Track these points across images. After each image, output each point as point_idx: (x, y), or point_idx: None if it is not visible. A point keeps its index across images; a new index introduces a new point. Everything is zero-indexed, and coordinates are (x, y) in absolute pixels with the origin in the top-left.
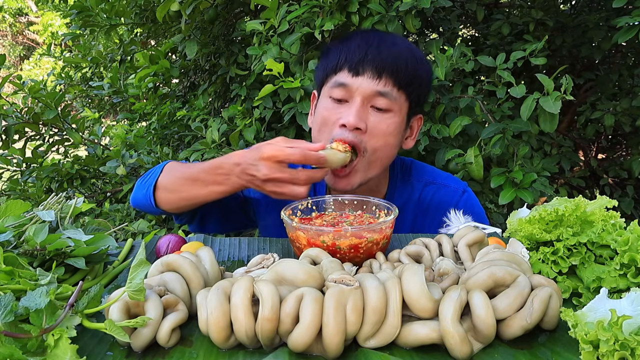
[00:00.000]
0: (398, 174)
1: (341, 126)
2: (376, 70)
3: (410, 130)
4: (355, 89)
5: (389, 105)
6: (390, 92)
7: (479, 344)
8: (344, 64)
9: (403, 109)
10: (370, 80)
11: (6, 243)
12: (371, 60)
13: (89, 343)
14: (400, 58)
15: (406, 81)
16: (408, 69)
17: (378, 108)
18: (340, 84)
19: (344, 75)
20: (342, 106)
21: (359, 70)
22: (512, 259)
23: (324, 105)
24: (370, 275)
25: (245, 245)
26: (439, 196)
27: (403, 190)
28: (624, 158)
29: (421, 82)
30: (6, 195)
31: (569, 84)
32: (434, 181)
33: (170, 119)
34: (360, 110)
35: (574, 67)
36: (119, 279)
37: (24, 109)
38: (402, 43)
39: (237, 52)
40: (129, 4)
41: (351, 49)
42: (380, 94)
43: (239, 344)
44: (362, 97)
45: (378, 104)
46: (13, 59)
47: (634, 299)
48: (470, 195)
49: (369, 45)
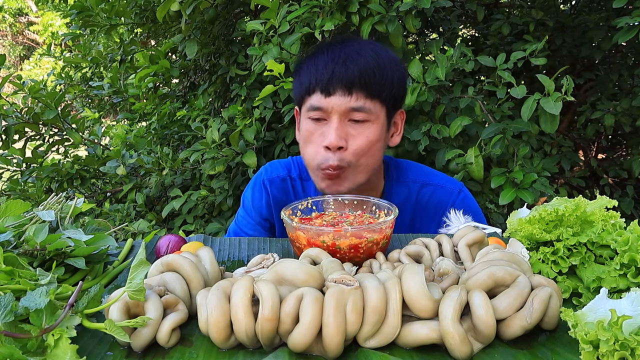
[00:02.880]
0: (393, 174)
1: (325, 149)
2: (346, 88)
3: (395, 127)
4: (330, 108)
5: (366, 117)
6: (363, 105)
7: (479, 344)
8: (315, 85)
9: (381, 114)
10: (342, 98)
11: (6, 243)
12: (339, 78)
13: (89, 343)
14: (367, 69)
15: (377, 90)
16: (377, 78)
17: (356, 120)
18: (316, 108)
19: (317, 97)
20: (322, 125)
21: (329, 90)
22: (512, 259)
23: (305, 126)
24: (370, 275)
25: (245, 245)
26: (436, 197)
27: (399, 190)
28: (624, 158)
29: (392, 85)
30: (6, 195)
31: (569, 84)
32: (430, 182)
33: (170, 119)
34: (338, 128)
35: (574, 67)
36: (119, 279)
37: (24, 109)
38: (367, 50)
39: (237, 52)
40: (129, 4)
41: (319, 68)
42: (354, 110)
43: (239, 344)
44: (338, 115)
45: (355, 118)
46: (13, 59)
47: (634, 299)
48: (467, 194)
49: (335, 63)
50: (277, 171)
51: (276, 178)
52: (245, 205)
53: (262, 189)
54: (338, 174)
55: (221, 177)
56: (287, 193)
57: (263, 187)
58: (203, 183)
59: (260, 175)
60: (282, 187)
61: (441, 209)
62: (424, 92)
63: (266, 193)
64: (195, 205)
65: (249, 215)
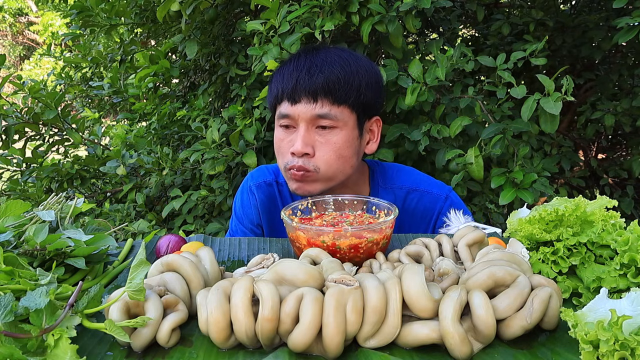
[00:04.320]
0: (379, 180)
1: (292, 154)
2: (310, 95)
3: (371, 134)
4: (297, 116)
5: (332, 123)
6: (329, 112)
7: (479, 344)
8: (282, 94)
9: (350, 121)
10: (307, 106)
11: (6, 243)
12: (303, 86)
13: (89, 343)
14: (331, 76)
15: (343, 97)
16: (341, 85)
17: (323, 127)
18: (284, 115)
19: (285, 105)
20: (291, 132)
21: (295, 98)
22: (512, 259)
23: (277, 134)
24: (370, 275)
25: (245, 245)
26: (422, 204)
27: (385, 197)
28: (624, 158)
29: (359, 90)
30: (6, 195)
31: (569, 84)
32: (417, 188)
33: (170, 119)
34: (305, 135)
35: (574, 67)
36: (119, 279)
37: (24, 109)
38: (334, 57)
39: (237, 52)
40: (129, 4)
41: (285, 78)
42: (320, 116)
43: (239, 344)
44: (305, 122)
45: (321, 124)
46: (13, 59)
47: (634, 299)
48: (454, 200)
49: (300, 71)
50: (263, 176)
51: (262, 183)
52: (236, 212)
53: (250, 195)
54: (304, 175)
55: (221, 177)
56: (274, 198)
57: (251, 192)
58: (203, 183)
59: (247, 181)
60: (268, 192)
61: (428, 216)
62: (424, 92)
63: (254, 198)
64: (195, 205)
65: (240, 223)
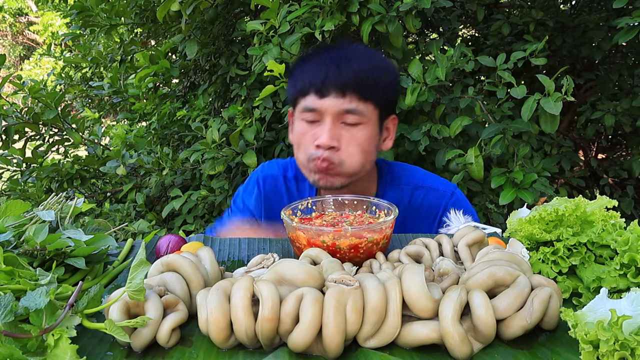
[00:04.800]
0: (387, 178)
1: (316, 147)
2: (340, 90)
3: (387, 132)
4: (324, 110)
5: (358, 119)
6: (356, 107)
7: (479, 344)
8: (310, 87)
9: (373, 117)
10: (336, 100)
11: (6, 243)
12: (333, 80)
13: (89, 343)
14: (360, 72)
15: (370, 93)
16: (369, 81)
17: (348, 123)
18: (310, 109)
19: (311, 99)
20: (316, 127)
21: (323, 92)
22: (512, 259)
23: (299, 129)
24: (370, 275)
25: (245, 245)
26: (428, 200)
27: (392, 194)
28: (624, 158)
29: (385, 89)
30: (6, 195)
31: (569, 85)
32: (423, 185)
33: (170, 119)
34: (331, 129)
35: (574, 67)
36: (119, 279)
37: (24, 109)
38: (361, 55)
39: (237, 52)
40: (129, 4)
41: (314, 71)
42: (348, 112)
43: (239, 344)
44: (332, 116)
45: (348, 120)
46: (13, 59)
47: (634, 299)
48: (459, 197)
49: (329, 65)
50: (272, 170)
51: (270, 176)
52: (235, 201)
53: (255, 186)
54: (328, 167)
55: (221, 177)
56: (280, 192)
57: (256, 184)
58: (203, 183)
59: (256, 173)
60: (274, 186)
61: (433, 212)
62: (424, 92)
63: (257, 190)
64: (195, 205)
65: (238, 210)
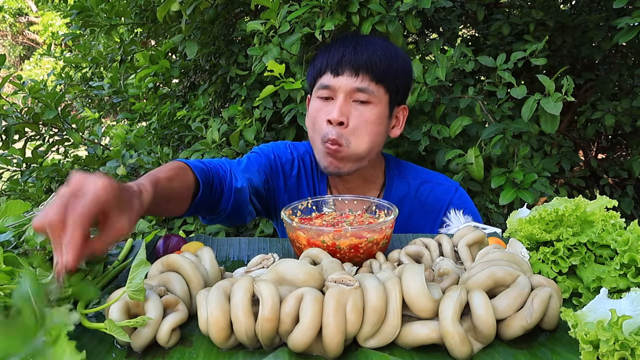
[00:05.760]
0: (394, 170)
1: (327, 123)
2: (353, 69)
3: (396, 120)
4: (337, 87)
5: (368, 98)
6: (367, 87)
7: (479, 344)
8: (326, 67)
9: (383, 100)
10: (349, 79)
11: (6, 243)
12: (348, 60)
13: (89, 343)
14: (374, 55)
15: (382, 75)
16: (382, 65)
17: (360, 101)
18: (325, 86)
19: (327, 77)
20: (329, 104)
21: (338, 71)
22: (512, 259)
23: (313, 105)
24: (370, 275)
25: (245, 245)
26: (434, 194)
27: (400, 185)
28: (624, 158)
29: (397, 75)
30: (6, 195)
31: (569, 85)
32: (429, 180)
33: (170, 119)
34: (342, 105)
35: (574, 67)
36: (119, 279)
37: (24, 109)
38: (377, 42)
39: (237, 52)
40: (129, 4)
41: (331, 53)
42: (359, 90)
43: (239, 344)
44: (344, 93)
45: (359, 98)
46: (13, 59)
47: (634, 299)
48: (463, 192)
49: (346, 48)
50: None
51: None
52: (262, 148)
53: (294, 160)
54: (337, 150)
55: None
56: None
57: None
58: None
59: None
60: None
61: (438, 206)
62: (424, 92)
63: (297, 163)
64: None
65: (259, 157)
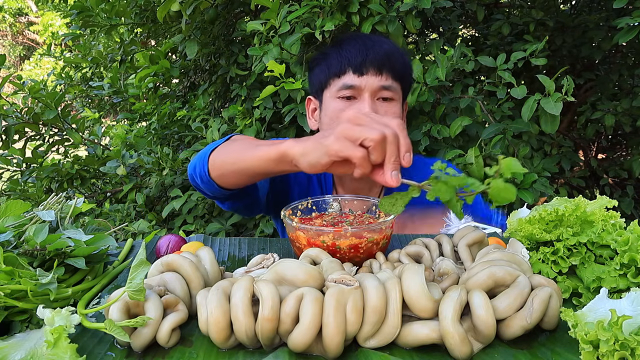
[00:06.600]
0: None
1: None
2: (377, 69)
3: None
4: (363, 87)
5: (392, 95)
6: (391, 84)
7: (479, 344)
8: (348, 67)
9: (399, 97)
10: (374, 78)
11: (6, 243)
12: (372, 60)
13: (89, 343)
14: (392, 55)
15: (401, 73)
16: (399, 62)
17: (384, 98)
18: (349, 86)
19: (349, 77)
20: (353, 103)
21: (362, 70)
22: (512, 259)
23: (335, 106)
24: (370, 275)
25: (245, 245)
26: None
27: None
28: (624, 158)
29: (410, 72)
30: (6, 195)
31: (570, 85)
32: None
33: (170, 119)
34: (371, 104)
35: (574, 67)
36: (119, 279)
37: (24, 109)
38: (388, 42)
39: (238, 52)
40: (129, 4)
41: (352, 53)
42: (384, 88)
43: (239, 344)
44: (370, 92)
45: (384, 95)
46: (13, 59)
47: (634, 299)
48: None
49: (368, 48)
50: None
51: None
52: None
53: None
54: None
55: None
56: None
57: None
58: None
59: None
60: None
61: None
62: (424, 92)
63: None
64: (196, 205)
65: None
